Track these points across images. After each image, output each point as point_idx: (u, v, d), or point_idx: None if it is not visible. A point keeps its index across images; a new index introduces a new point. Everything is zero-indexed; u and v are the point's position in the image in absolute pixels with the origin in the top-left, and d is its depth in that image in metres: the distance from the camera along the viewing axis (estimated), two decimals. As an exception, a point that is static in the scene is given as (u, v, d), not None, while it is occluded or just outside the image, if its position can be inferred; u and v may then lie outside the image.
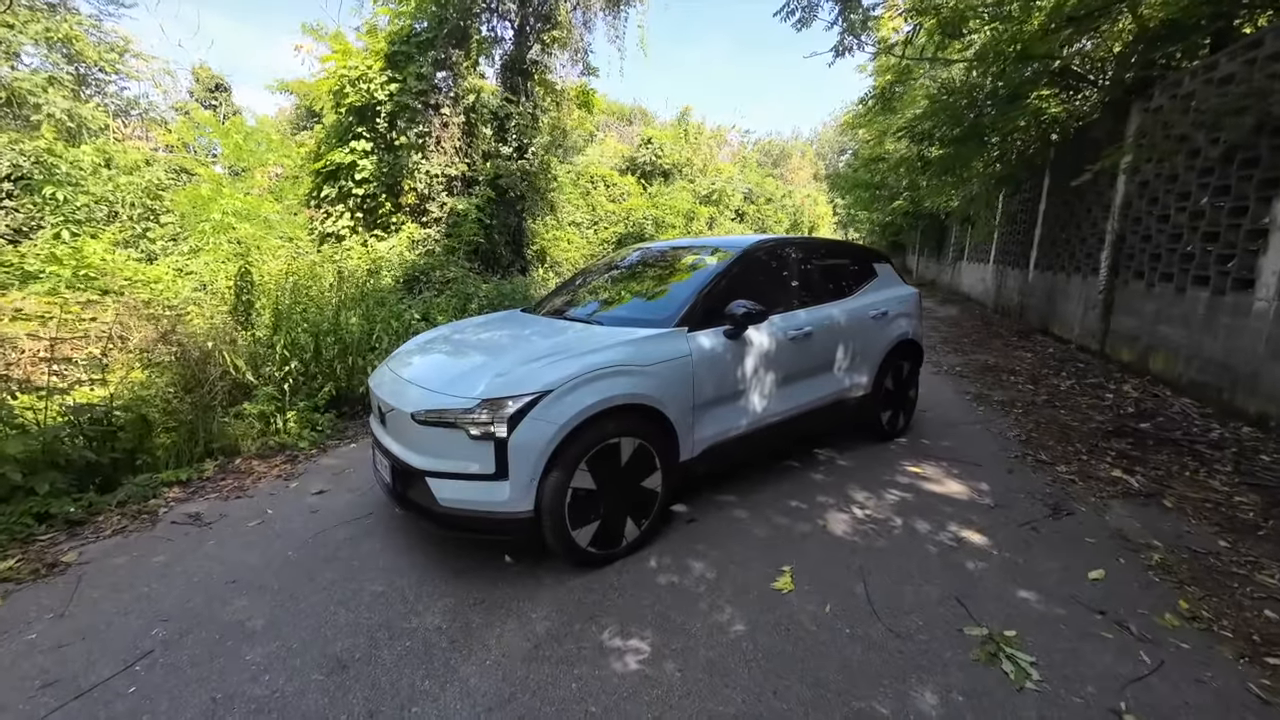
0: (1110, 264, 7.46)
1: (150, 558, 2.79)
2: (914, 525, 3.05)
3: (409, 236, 8.32)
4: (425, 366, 2.88)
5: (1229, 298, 5.15)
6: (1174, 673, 1.98)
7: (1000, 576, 2.57)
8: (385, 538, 2.96)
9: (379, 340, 5.01)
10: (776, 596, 2.43)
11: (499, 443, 2.33)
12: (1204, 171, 5.67)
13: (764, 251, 3.54)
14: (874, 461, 3.94)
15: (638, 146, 20.57)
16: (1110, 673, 1.98)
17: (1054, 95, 8.49)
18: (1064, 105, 8.33)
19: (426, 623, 2.28)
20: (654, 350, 2.75)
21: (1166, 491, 3.43)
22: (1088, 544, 2.86)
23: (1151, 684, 1.93)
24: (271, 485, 3.65)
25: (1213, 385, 5.22)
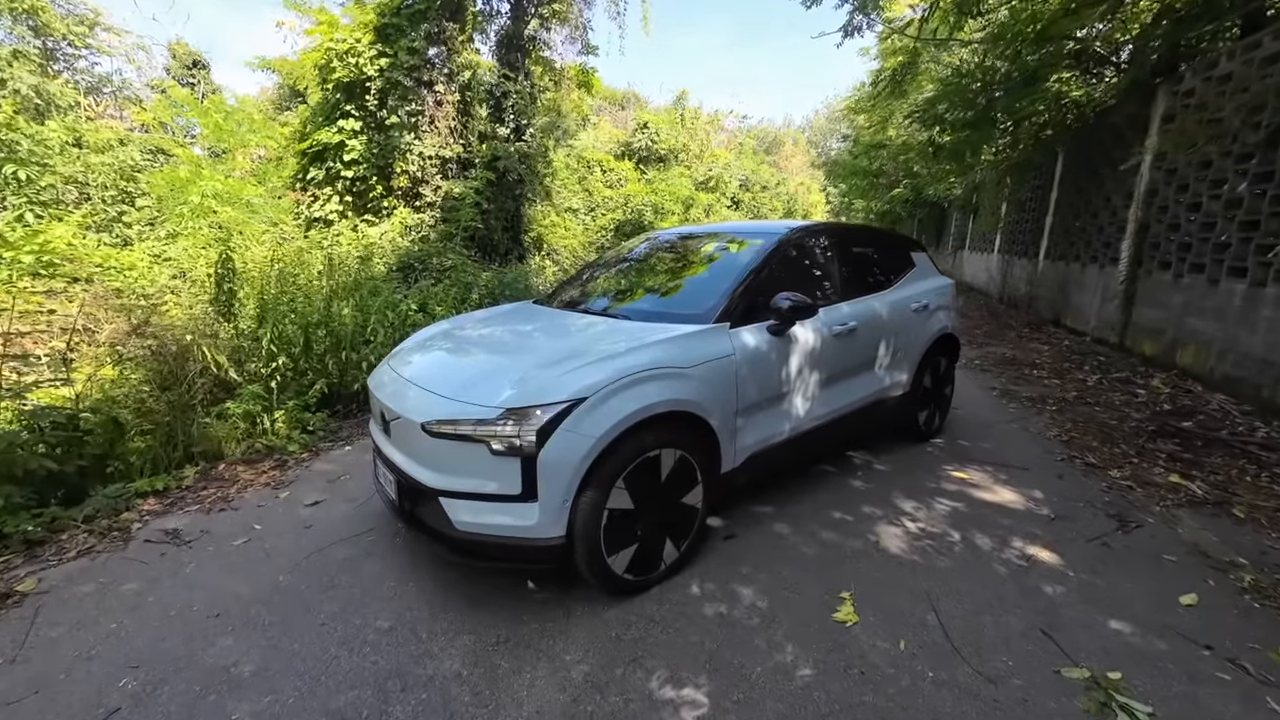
0: (1132, 254, 7.23)
1: (120, 585, 2.45)
2: (974, 540, 2.78)
3: (401, 222, 7.89)
4: (434, 368, 2.54)
5: (1271, 290, 4.92)
6: (1312, 725, 1.73)
7: (1083, 603, 2.31)
8: (389, 558, 2.63)
9: (374, 333, 4.64)
10: (841, 631, 2.15)
11: (526, 459, 2.01)
12: (1242, 157, 5.42)
13: (802, 239, 3.23)
14: (914, 466, 3.67)
15: (633, 131, 20.08)
16: (1241, 726, 1.72)
17: (1074, 78, 8.19)
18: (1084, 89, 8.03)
19: (444, 668, 1.97)
20: (695, 350, 2.43)
21: (1233, 500, 3.19)
22: (1167, 562, 2.60)
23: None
24: (259, 495, 3.30)
25: (1250, 381, 5.01)
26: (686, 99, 21.55)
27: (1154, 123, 7.01)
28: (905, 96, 10.87)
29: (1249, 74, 5.43)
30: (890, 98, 10.63)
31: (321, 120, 8.00)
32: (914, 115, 9.80)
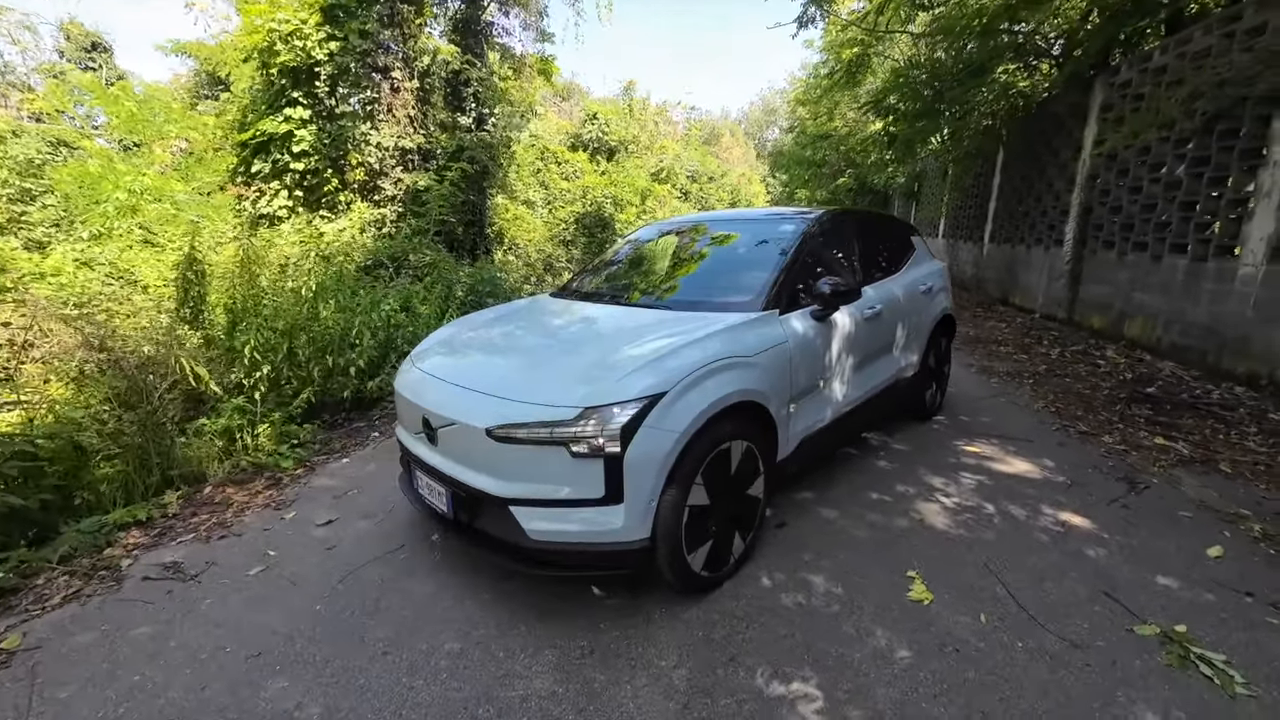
0: (1077, 235, 7.76)
1: (128, 630, 2.16)
2: (1009, 511, 2.89)
3: (360, 217, 7.41)
4: (483, 369, 2.37)
5: (1211, 264, 5.39)
6: (1360, 658, 1.88)
7: (1127, 563, 2.44)
8: (435, 576, 2.45)
9: (359, 336, 4.32)
10: (921, 610, 2.17)
11: (610, 460, 1.90)
12: (1179, 143, 5.90)
13: (828, 224, 3.23)
14: (929, 443, 3.78)
15: (582, 122, 19.77)
16: (1305, 665, 1.86)
17: (1018, 69, 8.67)
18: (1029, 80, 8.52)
19: (535, 688, 1.84)
20: (755, 338, 2.38)
21: (1216, 457, 3.47)
22: (1183, 519, 2.79)
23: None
24: (261, 518, 3.01)
25: (1196, 349, 5.49)
26: (634, 90, 21.40)
27: (1093, 112, 7.53)
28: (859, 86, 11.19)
29: (1182, 66, 5.91)
30: (845, 87, 10.93)
31: (265, 108, 7.36)
32: (867, 105, 10.13)
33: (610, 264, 3.58)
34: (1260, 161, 4.87)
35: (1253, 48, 4.86)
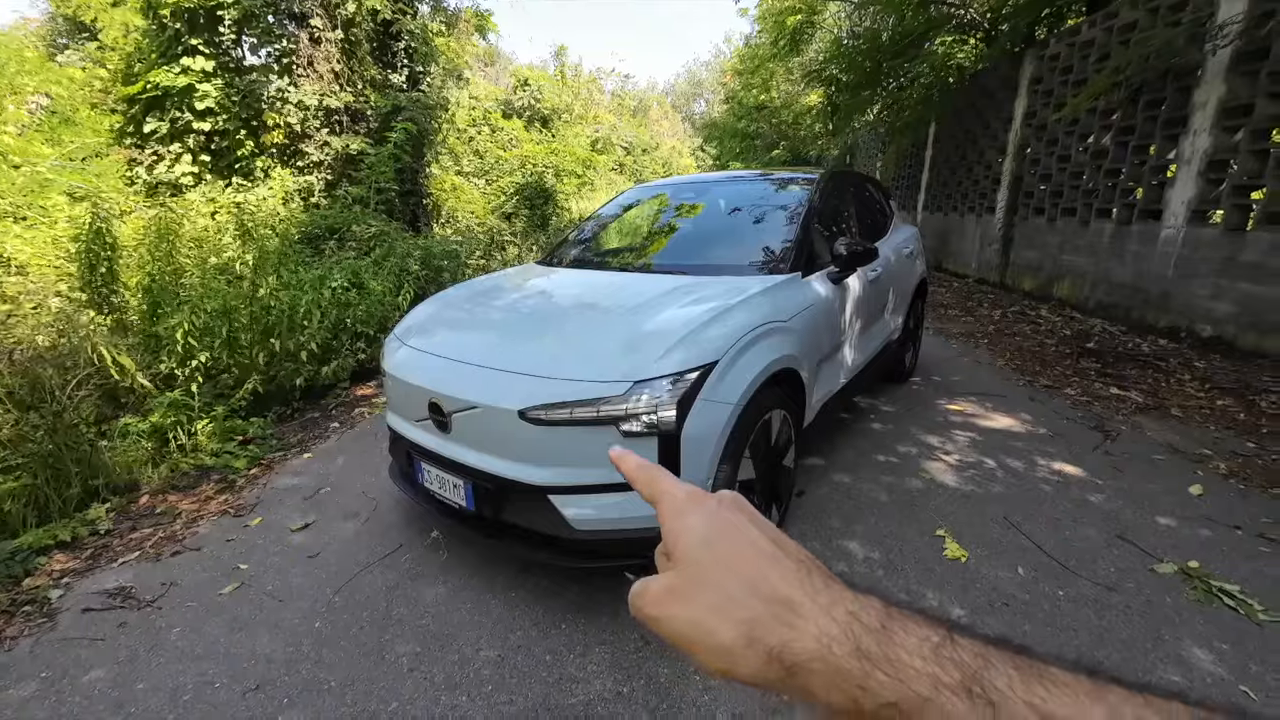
0: (1008, 203, 8.22)
1: (77, 676, 1.78)
2: (1007, 464, 2.99)
3: (283, 185, 6.62)
4: (502, 345, 2.11)
5: (1135, 227, 5.84)
6: (1345, 576, 2.07)
7: (1127, 505, 2.57)
8: (444, 577, 2.20)
9: (307, 317, 3.84)
10: (961, 568, 2.17)
11: (666, 437, 1.73)
12: (1106, 113, 6.31)
13: (833, 185, 3.15)
14: (914, 404, 3.87)
15: (513, 88, 18.81)
16: (1306, 588, 2.01)
17: (955, 41, 8.97)
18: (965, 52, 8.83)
19: (597, 690, 1.67)
20: (789, 301, 2.27)
21: (1166, 403, 3.76)
22: (1159, 461, 2.99)
23: None
24: (219, 527, 2.61)
25: (1122, 306, 5.97)
26: (566, 54, 20.56)
27: (1023, 84, 7.92)
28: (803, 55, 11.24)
29: (1108, 40, 6.28)
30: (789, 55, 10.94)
31: (156, 57, 6.35)
32: (811, 75, 10.20)
33: (601, 229, 3.34)
34: (1182, 130, 5.28)
35: (1177, 22, 5.20)
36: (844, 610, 0.32)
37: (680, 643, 0.35)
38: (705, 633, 0.33)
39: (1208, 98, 4.98)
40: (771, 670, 0.32)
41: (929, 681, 0.29)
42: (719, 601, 0.34)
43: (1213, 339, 4.87)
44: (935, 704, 0.28)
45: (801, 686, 0.31)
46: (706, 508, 0.38)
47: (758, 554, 0.35)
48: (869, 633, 0.31)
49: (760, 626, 0.32)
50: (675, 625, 0.35)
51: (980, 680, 0.28)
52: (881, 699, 0.29)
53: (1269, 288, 4.45)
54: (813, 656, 0.31)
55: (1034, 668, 0.28)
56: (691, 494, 0.40)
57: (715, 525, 0.37)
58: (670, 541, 0.38)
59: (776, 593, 0.33)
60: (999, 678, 0.28)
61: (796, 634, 0.32)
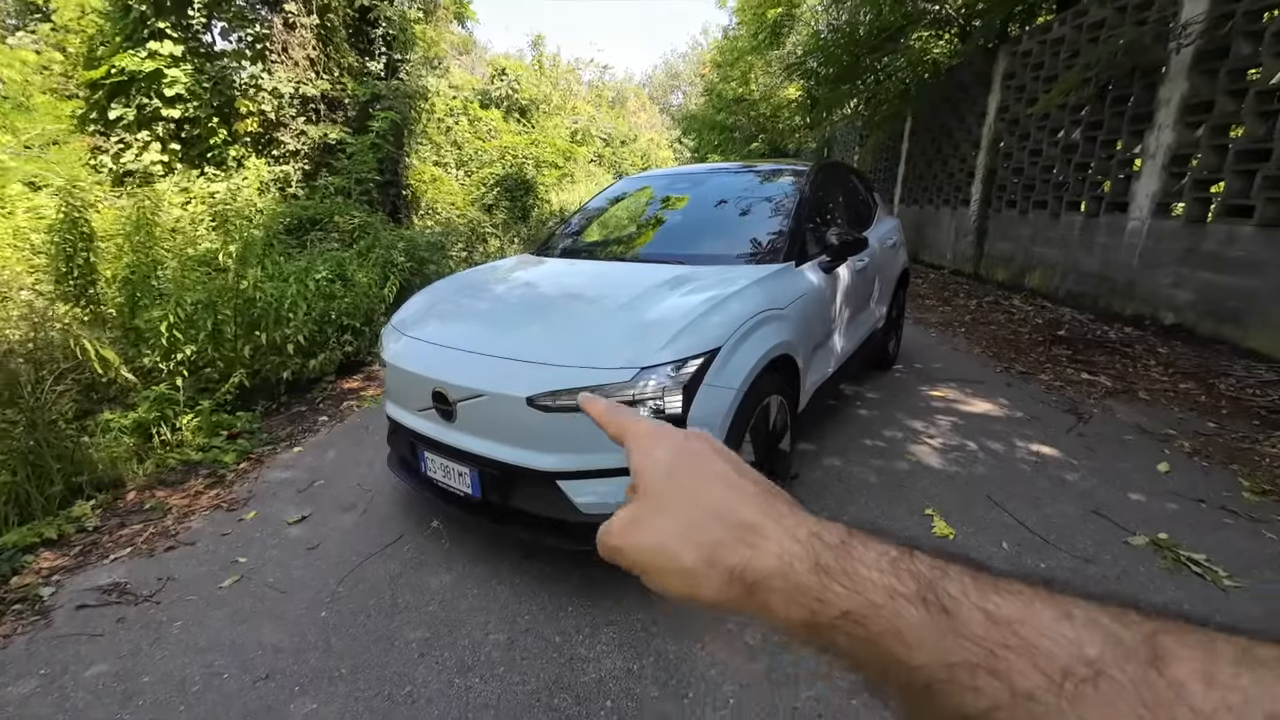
0: (982, 196, 8.44)
1: (79, 672, 1.76)
2: (988, 446, 3.11)
3: (258, 175, 6.45)
4: (506, 334, 2.12)
5: (1103, 219, 6.07)
6: (1299, 544, 2.22)
7: (1101, 483, 2.71)
8: (448, 565, 2.22)
9: (292, 309, 3.78)
10: (947, 543, 2.27)
11: (673, 421, 1.76)
12: (1075, 109, 6.52)
13: (823, 176, 3.21)
14: (897, 391, 3.98)
15: (490, 78, 18.52)
16: (1264, 555, 2.16)
17: (931, 36, 9.13)
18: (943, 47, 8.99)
19: (608, 668, 1.72)
20: (784, 290, 2.32)
21: (1133, 387, 3.95)
22: (1129, 441, 3.15)
23: None
24: (213, 522, 2.57)
25: (1090, 295, 6.21)
26: (543, 44, 20.30)
27: (996, 79, 8.12)
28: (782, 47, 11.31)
29: (1078, 38, 6.48)
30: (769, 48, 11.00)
31: (120, 40, 6.10)
32: (792, 67, 10.28)
33: (595, 220, 3.35)
34: (1147, 126, 5.49)
35: (1144, 21, 5.40)
36: (806, 531, 0.32)
37: (645, 569, 0.35)
38: (669, 557, 0.34)
39: (1171, 95, 5.19)
40: (733, 590, 0.32)
41: (884, 591, 0.29)
42: (681, 527, 0.34)
43: (1174, 326, 5.10)
44: (888, 610, 0.28)
45: (761, 604, 0.32)
46: (672, 441, 0.39)
47: (721, 482, 0.36)
48: (828, 549, 0.31)
49: (723, 548, 0.33)
50: (639, 553, 0.35)
51: (935, 589, 0.28)
52: (837, 609, 0.29)
53: (1226, 277, 4.68)
54: (773, 573, 0.31)
55: (990, 579, 0.28)
56: (658, 429, 0.40)
57: (680, 456, 0.37)
58: (636, 475, 0.38)
59: (740, 517, 0.34)
60: (954, 586, 0.28)
61: (758, 554, 0.32)
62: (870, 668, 0.29)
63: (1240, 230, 4.55)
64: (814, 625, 0.30)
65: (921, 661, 0.27)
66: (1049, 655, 0.24)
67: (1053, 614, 0.26)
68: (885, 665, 0.28)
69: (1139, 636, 0.24)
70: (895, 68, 9.04)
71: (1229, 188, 4.66)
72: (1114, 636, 0.24)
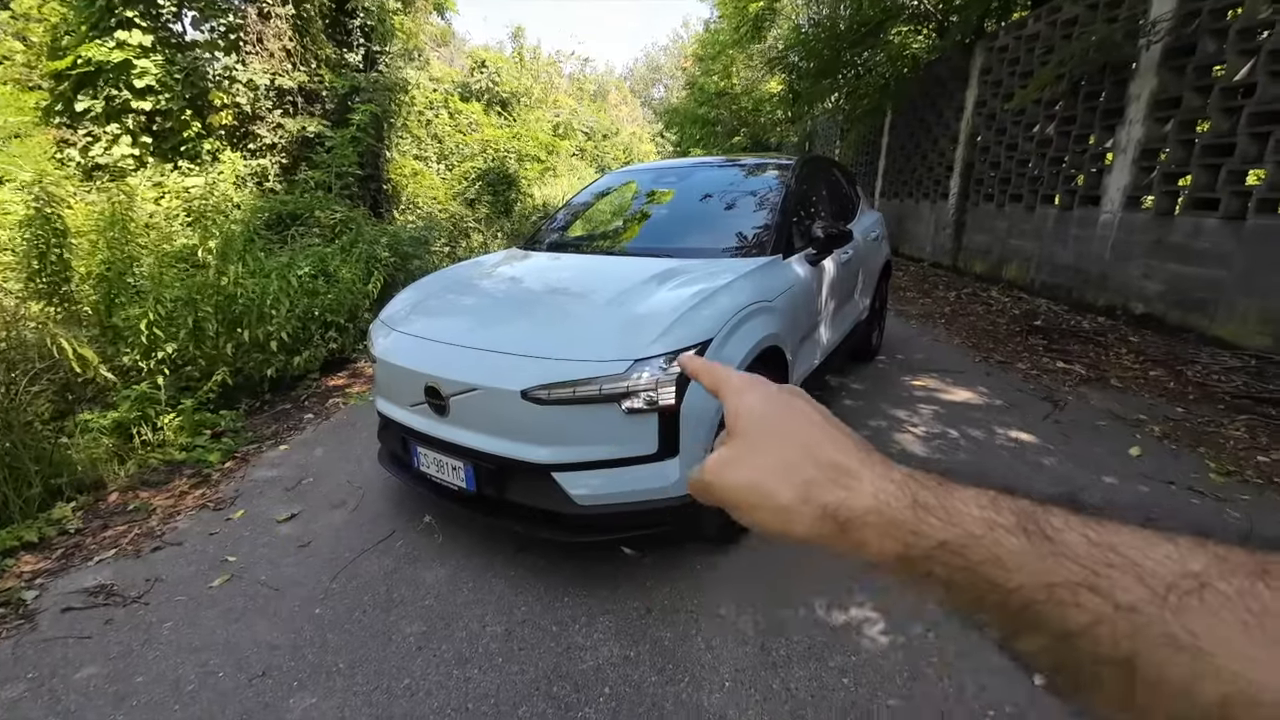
0: (961, 189, 8.59)
1: (69, 674, 1.74)
2: (970, 433, 3.20)
3: (233, 169, 6.32)
4: (498, 328, 2.13)
5: (1076, 212, 6.22)
6: (1261, 521, 2.33)
7: (1077, 467, 2.80)
8: (442, 559, 2.22)
9: (275, 306, 3.72)
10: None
11: (666, 413, 1.80)
12: (1049, 104, 6.66)
13: (808, 170, 3.26)
14: (881, 381, 4.06)
15: (470, 70, 18.28)
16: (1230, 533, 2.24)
17: (910, 31, 9.23)
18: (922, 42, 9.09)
19: (605, 655, 1.75)
20: (772, 282, 2.36)
21: (1106, 375, 4.08)
22: (1102, 427, 3.26)
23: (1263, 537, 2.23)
24: (199, 521, 2.54)
25: (1064, 286, 6.37)
26: (523, 36, 20.08)
27: (974, 75, 8.25)
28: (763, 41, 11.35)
29: (1052, 34, 6.62)
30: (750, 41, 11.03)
31: (87, 29, 5.91)
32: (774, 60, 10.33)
33: (582, 215, 3.36)
34: (1119, 121, 5.64)
35: (1115, 18, 5.53)
36: (901, 474, 0.34)
37: (738, 505, 0.37)
38: (764, 494, 0.35)
39: (1141, 90, 5.33)
40: (826, 526, 0.34)
41: (983, 523, 0.29)
42: (777, 466, 0.36)
43: (1145, 316, 5.27)
44: (988, 539, 0.29)
45: (855, 540, 0.33)
46: (766, 389, 0.40)
47: (815, 427, 0.38)
48: (925, 488, 0.32)
49: (817, 487, 0.34)
50: (733, 490, 0.37)
51: (1036, 519, 0.29)
52: (933, 540, 0.30)
53: (1193, 268, 4.84)
54: (868, 510, 0.33)
55: (1092, 515, 0.29)
56: (753, 379, 0.42)
57: (773, 403, 0.39)
58: (730, 419, 0.39)
59: (833, 459, 0.35)
60: (1055, 518, 0.29)
61: (852, 494, 0.33)
62: (965, 594, 0.30)
63: (1206, 223, 4.71)
64: (908, 558, 0.31)
65: (1019, 583, 0.28)
66: (1153, 572, 0.25)
67: (1157, 538, 0.27)
68: (982, 591, 0.29)
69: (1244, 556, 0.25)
70: (875, 62, 9.13)
71: (1196, 181, 4.81)
72: (1219, 555, 0.25)
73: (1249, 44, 4.39)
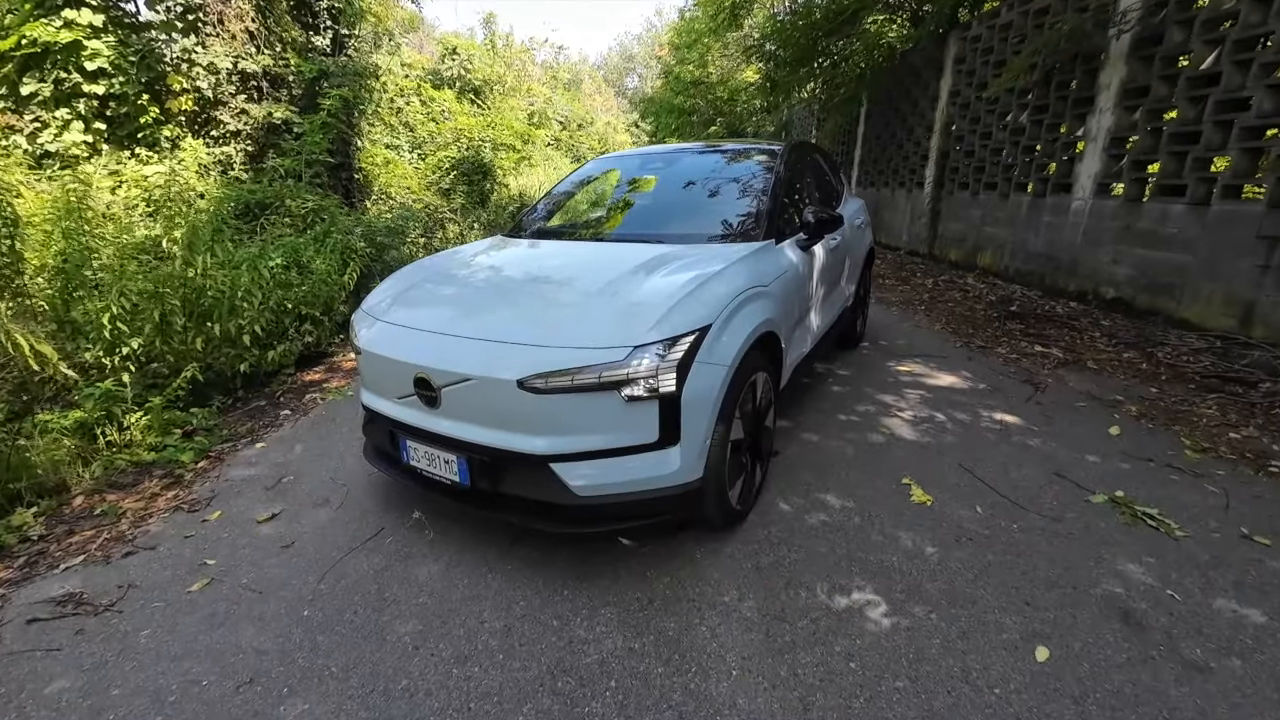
0: (936, 178, 8.71)
1: (39, 689, 1.63)
2: (955, 416, 3.24)
3: (195, 157, 6.04)
4: (491, 316, 2.06)
5: (1049, 199, 6.36)
6: (1236, 495, 2.40)
7: (1060, 447, 2.86)
8: (435, 555, 2.16)
9: (246, 298, 3.57)
10: (927, 511, 2.36)
11: (667, 400, 1.76)
12: (1022, 93, 6.77)
13: (795, 155, 3.23)
14: (867, 366, 4.10)
15: (441, 57, 17.84)
16: (1208, 506, 2.33)
17: (886, 20, 9.28)
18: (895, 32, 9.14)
19: (609, 648, 1.72)
20: (767, 267, 2.34)
21: (1082, 358, 4.18)
22: (1081, 408, 3.34)
23: (1238, 510, 2.31)
24: (174, 524, 2.43)
25: (1036, 272, 6.52)
26: (495, 22, 19.66)
27: (948, 64, 8.35)
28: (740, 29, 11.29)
29: (1025, 23, 6.71)
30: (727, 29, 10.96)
31: (31, 8, 5.55)
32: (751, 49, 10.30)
33: (562, 203, 3.28)
34: (1089, 109, 5.76)
35: (1085, 8, 5.63)
36: None
37: None
38: None
39: (1111, 80, 5.45)
40: None
41: None
42: None
43: (1115, 300, 5.42)
44: None
45: None
46: None
47: None
48: None
49: None
50: None
51: None
52: None
53: (1160, 252, 4.98)
54: None
55: None
56: None
57: None
58: None
59: None
60: None
61: None
62: None
63: (1172, 209, 4.85)
64: None
65: None
66: None
67: None
68: None
69: None
70: (852, 50, 9.16)
71: (1163, 168, 4.95)
72: None
73: (1214, 34, 4.51)
